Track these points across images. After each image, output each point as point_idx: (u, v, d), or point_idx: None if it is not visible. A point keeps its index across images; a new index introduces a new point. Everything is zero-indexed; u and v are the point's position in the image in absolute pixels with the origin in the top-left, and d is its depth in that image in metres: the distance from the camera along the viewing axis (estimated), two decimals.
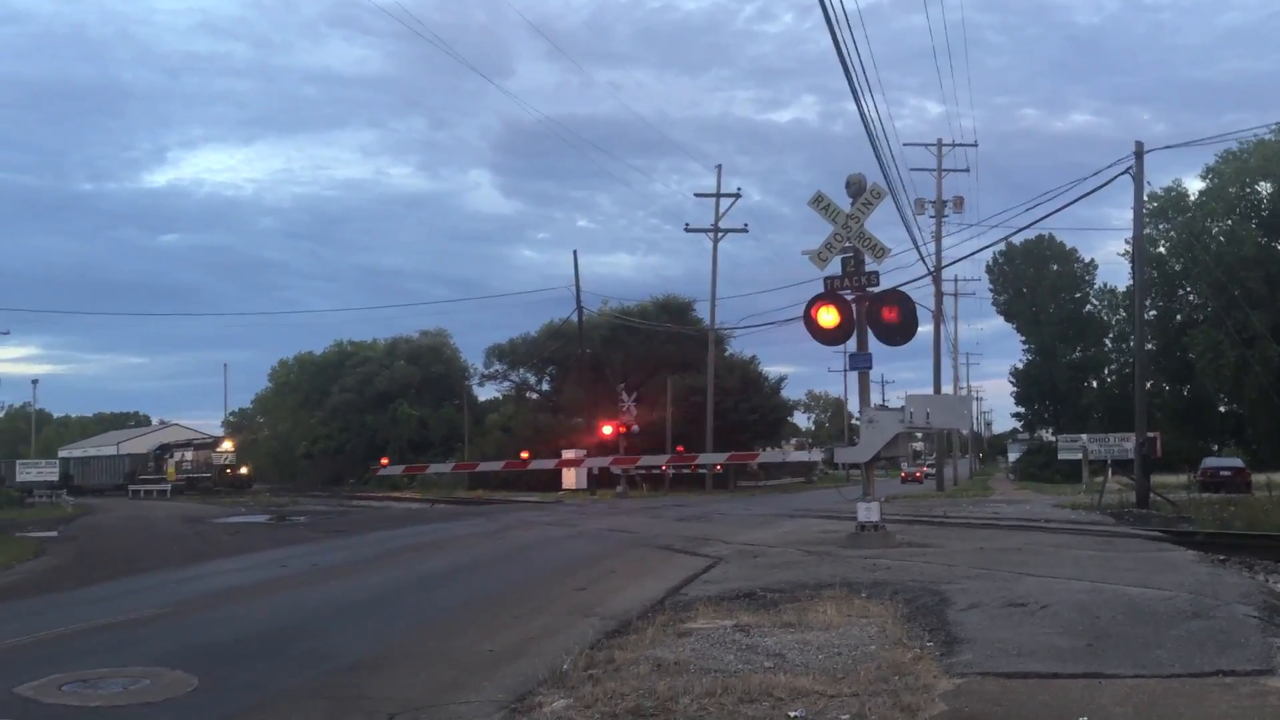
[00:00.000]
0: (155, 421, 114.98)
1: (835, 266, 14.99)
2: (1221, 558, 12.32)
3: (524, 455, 33.78)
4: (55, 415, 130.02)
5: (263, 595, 12.09)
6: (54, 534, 25.73)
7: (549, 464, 38.95)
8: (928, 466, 59.20)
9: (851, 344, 15.52)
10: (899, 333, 14.69)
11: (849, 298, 14.80)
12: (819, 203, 15.06)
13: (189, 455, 67.81)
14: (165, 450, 69.77)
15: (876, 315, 14.63)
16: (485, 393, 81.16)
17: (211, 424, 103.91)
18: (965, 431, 67.62)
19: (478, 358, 79.53)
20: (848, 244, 14.76)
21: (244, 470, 66.81)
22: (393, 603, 11.19)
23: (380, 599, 11.51)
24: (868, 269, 14.72)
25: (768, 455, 53.72)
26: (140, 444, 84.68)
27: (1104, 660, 6.44)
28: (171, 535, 24.69)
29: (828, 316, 14.63)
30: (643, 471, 46.63)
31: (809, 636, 7.60)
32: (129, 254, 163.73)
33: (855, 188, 14.82)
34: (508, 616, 9.75)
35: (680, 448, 45.03)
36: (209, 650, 8.51)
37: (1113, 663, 6.36)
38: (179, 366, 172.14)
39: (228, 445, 68.52)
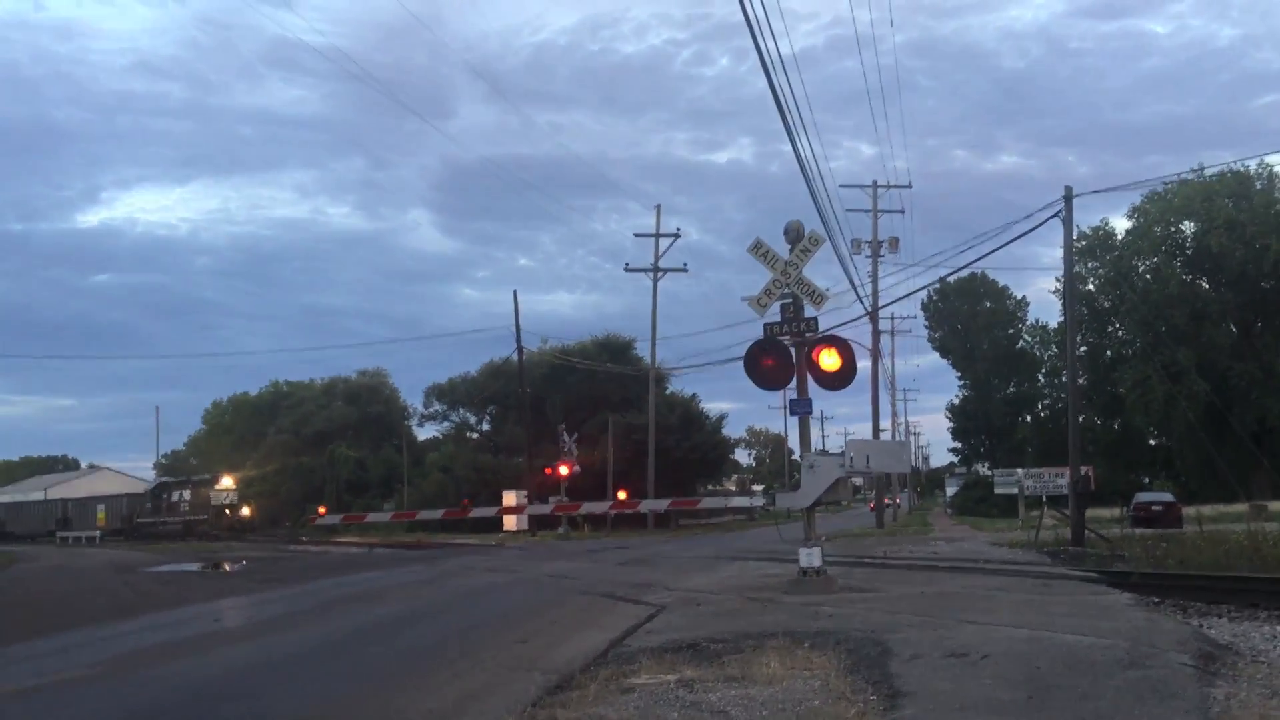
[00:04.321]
0: (84, 465, 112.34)
1: (775, 312, 15.10)
2: (1156, 600, 12.48)
3: (465, 503, 33.45)
4: None
5: (195, 652, 11.79)
6: None
7: (490, 512, 38.48)
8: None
9: (793, 388, 15.61)
10: (839, 378, 14.80)
11: (788, 344, 14.91)
12: (758, 249, 15.17)
13: (186, 495, 61.01)
14: (163, 489, 63.97)
15: (816, 361, 14.74)
16: (425, 432, 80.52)
17: (143, 467, 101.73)
18: (906, 471, 68.33)
19: (417, 397, 79.02)
20: (786, 290, 14.88)
21: (246, 511, 60.71)
22: (330, 658, 10.97)
23: (316, 654, 11.29)
24: (807, 315, 14.84)
25: (709, 501, 53.66)
26: (74, 488, 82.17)
27: (1045, 713, 6.49)
28: (101, 586, 24.02)
29: (768, 363, 14.72)
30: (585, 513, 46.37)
31: (753, 691, 7.57)
32: (60, 294, 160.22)
33: (794, 234, 14.96)
34: (447, 672, 9.61)
35: (625, 491, 44.87)
36: (139, 714, 8.29)
37: (1053, 716, 6.41)
38: (110, 408, 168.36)
39: (228, 482, 62.00)
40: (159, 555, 39.06)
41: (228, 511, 58.80)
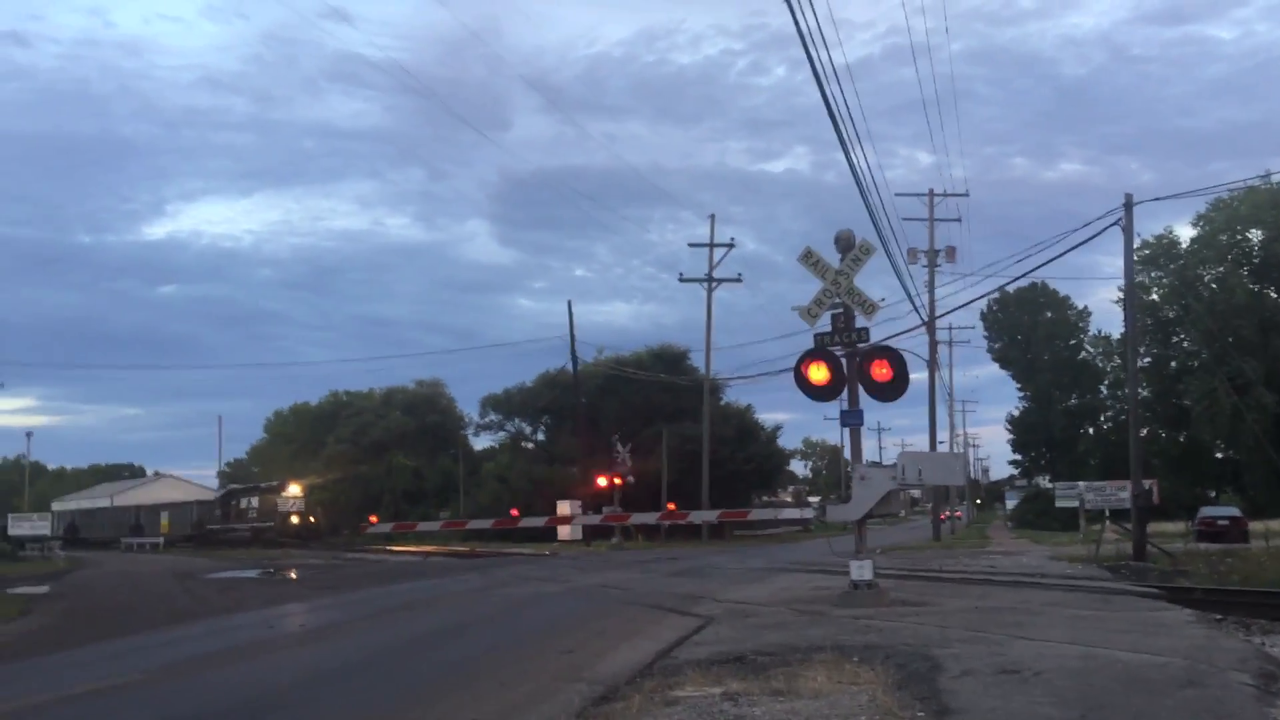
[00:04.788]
0: (150, 473, 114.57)
1: (826, 322, 14.96)
2: (1218, 617, 12.16)
3: (514, 513, 33.64)
4: (50, 467, 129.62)
5: (246, 659, 11.93)
6: (44, 590, 25.50)
7: (539, 521, 38.49)
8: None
9: (844, 399, 15.46)
10: (890, 389, 14.62)
11: (839, 354, 14.75)
12: (808, 259, 15.04)
13: (254, 502, 61.02)
14: (232, 496, 64.58)
15: (867, 372, 14.56)
16: (481, 442, 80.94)
17: (206, 475, 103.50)
18: (960, 484, 67.38)
19: (473, 407, 79.38)
20: (837, 300, 14.73)
21: (312, 519, 59.77)
22: (378, 667, 11.02)
23: (366, 663, 11.35)
24: (858, 325, 14.67)
25: (759, 512, 53.31)
26: (143, 495, 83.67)
27: None
28: (161, 592, 24.43)
29: (818, 374, 14.55)
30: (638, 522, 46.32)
31: (798, 706, 7.45)
32: (127, 305, 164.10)
33: (844, 244, 14.81)
34: (493, 682, 9.60)
35: (672, 504, 44.75)
36: None
37: None
38: (175, 417, 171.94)
39: (295, 489, 60.76)
40: (219, 562, 39.68)
41: (295, 519, 58.29)
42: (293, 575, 29.55)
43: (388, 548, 51.51)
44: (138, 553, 57.08)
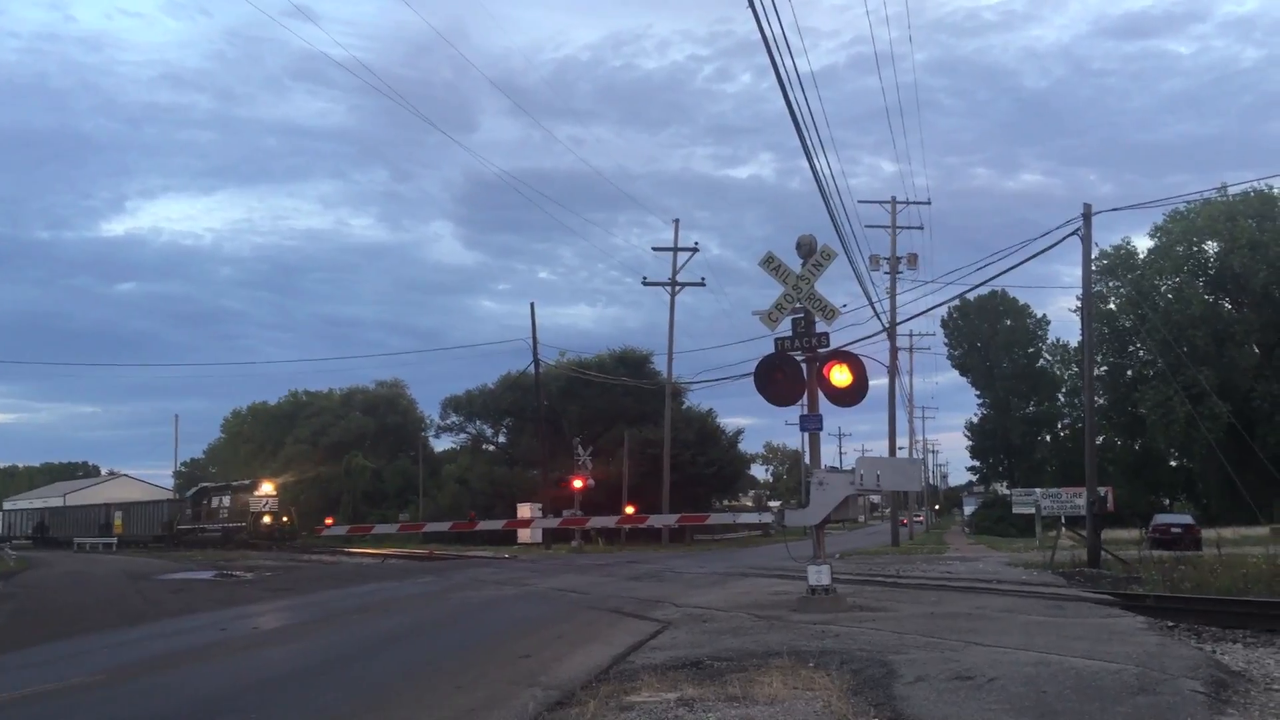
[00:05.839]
0: (105, 472, 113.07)
1: (787, 327, 14.98)
2: (1170, 624, 12.28)
3: (471, 516, 33.56)
4: (2, 465, 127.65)
5: (197, 661, 11.74)
6: None
7: (498, 524, 38.39)
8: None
9: (804, 404, 15.48)
10: (850, 394, 14.66)
11: (799, 359, 14.78)
12: (770, 263, 15.07)
13: (226, 501, 59.29)
14: (203, 495, 62.81)
15: (826, 377, 14.60)
16: (441, 444, 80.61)
17: (162, 474, 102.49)
18: (917, 490, 68.06)
19: (435, 409, 79.15)
20: (798, 305, 14.76)
21: (285, 519, 58.20)
22: (331, 671, 10.89)
23: (319, 667, 11.21)
24: (818, 330, 14.71)
25: (718, 516, 53.40)
26: (104, 494, 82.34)
27: None
28: (113, 593, 24.06)
29: (779, 378, 14.59)
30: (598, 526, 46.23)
31: (753, 712, 7.44)
32: (85, 302, 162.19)
33: (806, 249, 14.84)
34: (449, 686, 9.50)
35: (634, 506, 44.73)
36: None
37: None
38: (132, 416, 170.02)
39: (268, 488, 59.09)
40: (175, 563, 39.14)
41: (266, 519, 56.91)
42: (248, 577, 29.19)
43: (345, 550, 50.94)
44: (91, 553, 56.17)
